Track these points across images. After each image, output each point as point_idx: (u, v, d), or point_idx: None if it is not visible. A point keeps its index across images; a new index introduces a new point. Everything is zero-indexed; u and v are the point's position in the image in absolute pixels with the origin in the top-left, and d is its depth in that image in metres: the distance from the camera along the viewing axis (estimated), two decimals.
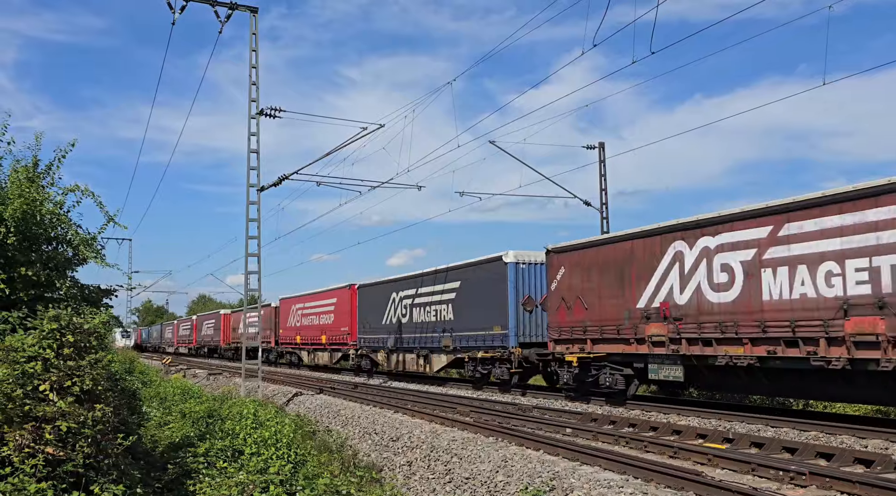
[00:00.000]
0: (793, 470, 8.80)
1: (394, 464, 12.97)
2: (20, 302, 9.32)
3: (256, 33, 22.72)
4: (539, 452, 11.16)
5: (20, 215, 9.59)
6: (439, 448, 12.47)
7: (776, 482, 8.82)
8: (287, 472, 10.49)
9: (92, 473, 6.76)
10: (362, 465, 12.70)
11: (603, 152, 29.69)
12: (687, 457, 10.37)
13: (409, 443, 13.50)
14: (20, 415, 6.68)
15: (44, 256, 10.21)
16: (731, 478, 9.00)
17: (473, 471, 10.93)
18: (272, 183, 23.67)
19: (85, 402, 7.17)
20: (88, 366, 7.55)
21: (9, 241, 9.40)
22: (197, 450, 11.37)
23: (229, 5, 21.90)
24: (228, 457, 11.47)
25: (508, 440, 12.36)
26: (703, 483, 8.46)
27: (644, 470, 9.28)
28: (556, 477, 9.49)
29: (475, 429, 13.60)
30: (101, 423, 6.96)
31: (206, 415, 15.58)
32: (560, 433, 13.26)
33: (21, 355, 7.20)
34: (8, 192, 9.92)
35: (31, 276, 9.52)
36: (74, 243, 10.76)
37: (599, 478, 9.19)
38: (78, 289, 10.84)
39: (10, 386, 6.79)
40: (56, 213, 10.52)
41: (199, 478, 9.90)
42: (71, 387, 7.16)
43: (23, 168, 10.49)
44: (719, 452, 10.08)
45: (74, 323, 7.85)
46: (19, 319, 8.09)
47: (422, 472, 11.93)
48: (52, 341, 7.48)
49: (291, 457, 11.68)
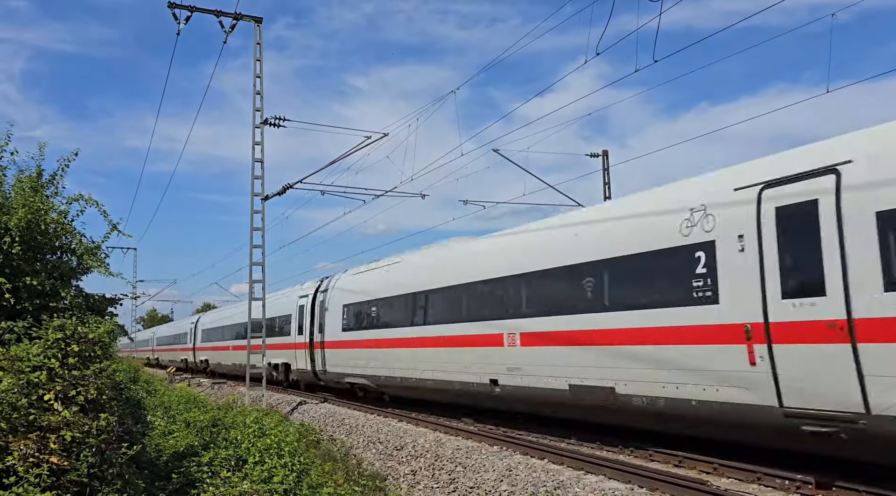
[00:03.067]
0: (799, 479, 8.75)
1: (398, 473, 12.93)
2: (25, 311, 9.35)
3: (261, 43, 22.83)
4: (544, 461, 11.12)
5: (25, 225, 9.62)
6: (444, 457, 12.44)
7: (782, 491, 8.77)
8: (291, 481, 10.48)
9: (96, 483, 6.76)
10: (366, 474, 12.66)
11: (607, 160, 29.71)
12: (692, 466, 10.32)
13: (414, 452, 13.47)
14: (25, 424, 6.69)
15: (48, 266, 10.24)
16: (737, 488, 8.96)
17: (478, 480, 10.89)
18: (277, 192, 23.70)
19: (89, 412, 7.19)
20: (93, 375, 7.57)
21: (14, 251, 9.43)
22: (201, 460, 11.37)
23: (234, 16, 21.99)
24: (232, 467, 11.46)
25: (513, 449, 12.32)
26: (708, 492, 8.42)
27: (649, 479, 9.23)
28: (560, 486, 9.45)
29: (479, 438, 13.56)
30: (105, 433, 6.97)
31: (210, 424, 15.57)
32: (565, 441, 13.21)
33: (26, 365, 7.23)
34: (12, 201, 9.96)
35: (36, 286, 9.54)
36: (79, 253, 10.79)
37: (604, 486, 9.15)
38: (83, 298, 10.86)
39: (15, 395, 6.81)
40: (60, 222, 10.56)
41: (203, 488, 9.90)
42: (76, 396, 7.19)
43: (27, 178, 10.54)
44: (725, 461, 10.03)
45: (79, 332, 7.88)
46: (24, 329, 8.12)
47: (426, 482, 11.89)
48: (56, 351, 7.51)
49: (296, 466, 11.66)
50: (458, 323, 15.90)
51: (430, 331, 17.13)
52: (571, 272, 12.30)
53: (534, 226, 14.90)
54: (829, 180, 8.33)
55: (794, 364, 8.49)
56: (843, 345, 7.94)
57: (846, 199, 8.09)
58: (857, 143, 8.41)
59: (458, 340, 15.84)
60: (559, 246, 12.96)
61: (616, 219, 11.79)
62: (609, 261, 11.51)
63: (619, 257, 11.31)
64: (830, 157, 8.48)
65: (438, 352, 16.62)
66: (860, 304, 7.82)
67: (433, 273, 17.50)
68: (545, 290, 13.05)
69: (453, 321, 16.12)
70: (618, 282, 11.29)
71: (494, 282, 14.68)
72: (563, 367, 12.42)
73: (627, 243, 11.20)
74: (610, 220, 11.96)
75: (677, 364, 10.11)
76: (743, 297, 9.17)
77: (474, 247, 16.81)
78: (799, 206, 8.59)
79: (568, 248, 12.60)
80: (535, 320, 13.22)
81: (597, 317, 11.62)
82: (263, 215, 23.07)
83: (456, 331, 15.97)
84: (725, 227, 9.53)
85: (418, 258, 19.24)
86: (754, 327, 8.97)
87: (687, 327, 9.95)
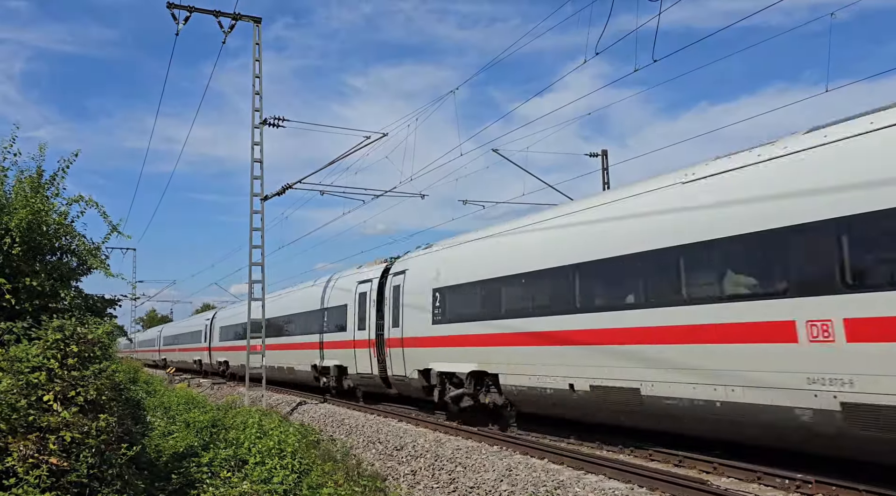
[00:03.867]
0: (799, 478, 8.76)
1: (398, 473, 12.93)
2: (25, 312, 9.35)
3: (260, 43, 22.85)
4: (544, 461, 11.12)
5: (25, 225, 9.63)
6: (443, 457, 12.44)
7: (782, 490, 8.78)
8: (291, 482, 10.48)
9: (96, 483, 6.76)
10: (366, 475, 12.66)
11: (606, 160, 29.71)
12: (692, 466, 10.32)
13: (414, 452, 13.47)
14: (24, 425, 6.69)
15: (48, 266, 10.24)
16: (737, 487, 8.96)
17: (478, 480, 10.89)
18: (276, 192, 23.72)
19: (89, 412, 7.19)
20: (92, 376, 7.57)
21: (14, 252, 9.44)
22: (201, 460, 11.37)
23: (233, 16, 22.00)
24: (232, 467, 11.46)
25: (513, 449, 12.33)
26: (708, 492, 8.43)
27: (649, 478, 9.24)
28: (560, 485, 9.46)
29: (479, 438, 13.57)
30: (105, 433, 6.97)
31: (209, 425, 15.58)
32: (564, 441, 13.21)
33: (25, 365, 7.23)
34: (13, 202, 9.97)
35: (36, 286, 9.55)
36: (79, 252, 10.80)
37: (604, 486, 9.16)
38: (82, 299, 10.87)
39: (15, 396, 6.81)
40: (61, 223, 10.56)
41: (203, 488, 9.90)
42: (75, 397, 7.18)
43: (27, 178, 10.54)
44: (725, 461, 10.03)
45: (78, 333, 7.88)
46: (24, 329, 8.11)
47: (426, 482, 11.89)
48: (56, 351, 7.51)
49: (296, 467, 11.66)
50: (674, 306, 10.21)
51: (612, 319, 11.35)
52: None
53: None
54: None
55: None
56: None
57: None
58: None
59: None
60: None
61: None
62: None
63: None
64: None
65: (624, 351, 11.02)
66: None
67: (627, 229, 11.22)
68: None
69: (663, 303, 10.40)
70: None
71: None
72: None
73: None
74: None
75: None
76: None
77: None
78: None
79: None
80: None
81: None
82: (263, 216, 23.12)
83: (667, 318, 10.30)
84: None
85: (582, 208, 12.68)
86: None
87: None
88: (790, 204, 8.71)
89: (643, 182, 11.60)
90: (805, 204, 8.54)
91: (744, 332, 9.13)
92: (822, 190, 8.39)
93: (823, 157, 8.52)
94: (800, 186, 8.66)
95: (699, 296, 9.83)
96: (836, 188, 8.24)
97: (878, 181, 7.80)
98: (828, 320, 8.16)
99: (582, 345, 11.84)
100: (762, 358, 8.87)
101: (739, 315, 9.19)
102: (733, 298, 9.35)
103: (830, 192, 8.28)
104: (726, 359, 9.35)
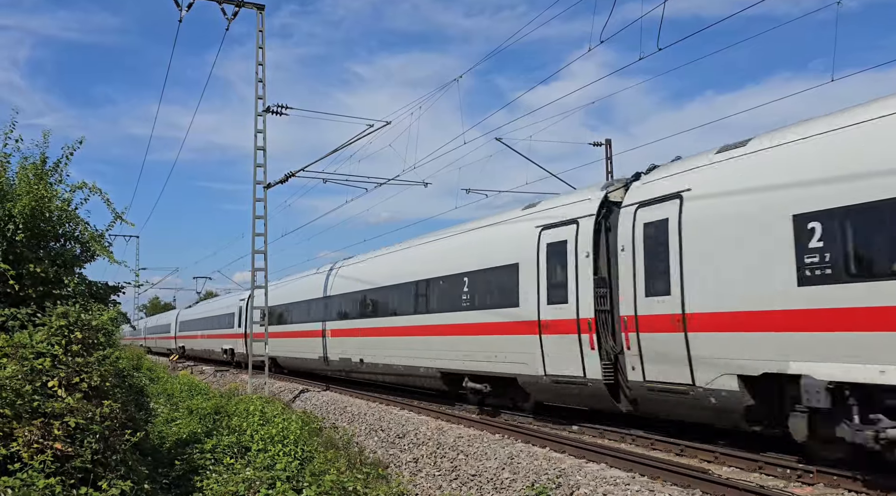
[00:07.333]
0: (800, 468, 8.77)
1: (400, 460, 12.99)
2: (29, 298, 9.36)
3: (263, 30, 22.76)
4: (545, 449, 11.15)
5: (29, 212, 9.62)
6: (445, 445, 12.48)
7: (783, 480, 8.80)
8: (294, 469, 10.52)
9: (100, 469, 6.80)
10: (369, 462, 12.72)
11: (610, 149, 29.64)
12: (693, 455, 10.35)
13: (416, 440, 13.52)
14: (29, 411, 6.72)
15: (52, 253, 10.25)
16: (738, 476, 8.98)
17: (479, 467, 10.93)
18: (279, 180, 23.70)
19: (93, 399, 7.22)
20: (96, 362, 7.60)
21: (18, 238, 9.44)
22: (204, 447, 11.42)
23: (236, 3, 21.91)
24: (235, 454, 11.52)
25: (514, 437, 12.36)
26: (709, 481, 8.44)
27: (650, 467, 9.26)
28: (562, 474, 9.49)
29: (481, 426, 13.61)
30: (108, 420, 7.00)
31: (212, 412, 15.64)
32: (566, 430, 13.25)
33: (30, 351, 7.25)
34: (17, 189, 9.96)
35: (40, 273, 9.55)
36: (84, 239, 10.79)
37: (606, 475, 9.18)
38: (86, 285, 10.87)
39: (19, 382, 6.83)
40: (64, 209, 10.55)
41: (206, 475, 9.95)
42: (79, 383, 7.21)
43: (31, 165, 10.52)
44: (726, 450, 10.06)
45: (82, 319, 7.90)
46: (28, 316, 8.13)
47: (428, 469, 11.94)
48: (60, 338, 7.53)
49: (298, 454, 11.72)
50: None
51: None
52: None
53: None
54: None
55: None
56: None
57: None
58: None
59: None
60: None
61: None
62: None
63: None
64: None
65: None
66: None
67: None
68: None
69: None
70: None
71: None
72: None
73: None
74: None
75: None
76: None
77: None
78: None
79: None
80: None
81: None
82: (266, 203, 23.10)
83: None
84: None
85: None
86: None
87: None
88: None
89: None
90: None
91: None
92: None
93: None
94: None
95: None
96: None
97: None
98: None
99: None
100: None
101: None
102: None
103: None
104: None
